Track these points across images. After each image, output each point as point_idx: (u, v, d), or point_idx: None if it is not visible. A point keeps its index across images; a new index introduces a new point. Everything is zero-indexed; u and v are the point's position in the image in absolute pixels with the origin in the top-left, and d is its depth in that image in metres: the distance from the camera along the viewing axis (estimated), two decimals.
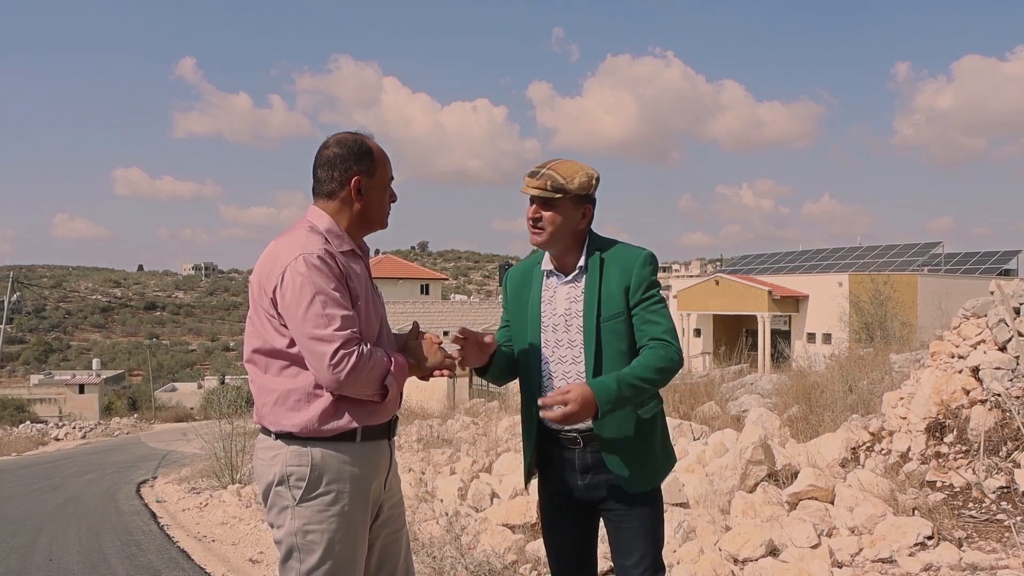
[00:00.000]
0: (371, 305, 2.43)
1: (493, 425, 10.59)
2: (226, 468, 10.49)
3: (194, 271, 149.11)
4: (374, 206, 2.47)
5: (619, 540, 2.62)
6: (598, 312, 2.55)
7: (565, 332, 2.60)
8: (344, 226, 2.44)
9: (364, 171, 2.42)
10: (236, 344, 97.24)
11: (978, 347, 6.21)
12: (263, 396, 2.38)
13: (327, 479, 2.32)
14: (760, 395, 9.95)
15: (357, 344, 2.26)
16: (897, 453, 6.08)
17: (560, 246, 2.60)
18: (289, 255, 2.27)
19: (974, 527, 4.73)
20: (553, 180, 2.51)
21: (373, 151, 2.45)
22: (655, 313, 2.54)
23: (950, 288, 21.95)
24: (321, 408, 2.31)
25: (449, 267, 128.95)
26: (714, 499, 5.51)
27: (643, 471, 2.57)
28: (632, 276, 2.55)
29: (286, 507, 2.33)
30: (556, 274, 2.66)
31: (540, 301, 2.66)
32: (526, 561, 4.87)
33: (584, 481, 2.59)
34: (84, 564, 6.51)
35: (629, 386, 2.40)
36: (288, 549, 2.34)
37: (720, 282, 33.28)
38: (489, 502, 6.43)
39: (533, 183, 2.54)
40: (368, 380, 2.28)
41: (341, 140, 2.45)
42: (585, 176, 2.54)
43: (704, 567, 4.26)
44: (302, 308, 2.23)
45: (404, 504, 2.70)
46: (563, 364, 2.60)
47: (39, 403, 51.43)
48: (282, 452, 2.34)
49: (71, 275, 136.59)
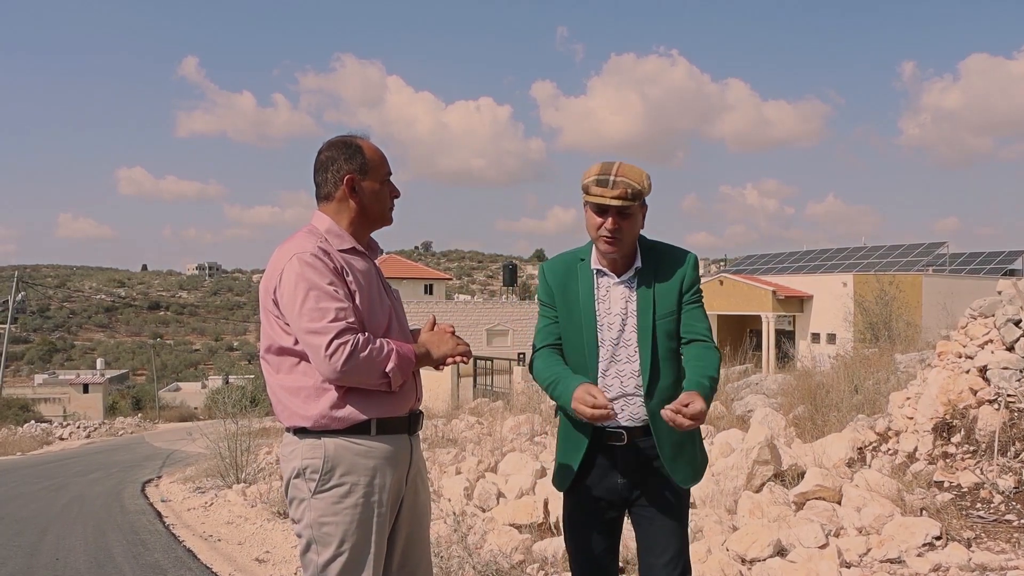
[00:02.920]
0: (377, 299, 2.46)
1: (498, 425, 10.58)
2: (231, 467, 10.49)
3: (198, 271, 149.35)
4: (371, 203, 2.50)
5: (652, 538, 2.61)
6: (653, 311, 2.58)
7: (620, 332, 2.60)
8: (345, 225, 2.49)
9: (355, 169, 2.47)
10: (240, 344, 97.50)
11: (985, 347, 6.19)
12: (277, 394, 2.43)
13: (340, 471, 2.35)
14: (765, 395, 9.94)
15: (353, 334, 2.28)
16: (904, 453, 6.07)
17: (627, 251, 2.61)
18: (286, 257, 2.35)
19: (983, 527, 4.72)
20: (631, 187, 2.47)
21: (364, 149, 2.49)
22: (700, 310, 2.65)
23: (955, 288, 21.93)
24: (331, 401, 2.35)
25: (453, 267, 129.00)
26: (720, 499, 5.50)
27: (690, 467, 2.63)
28: (685, 278, 2.62)
29: (303, 500, 2.37)
30: (608, 274, 2.64)
31: (594, 300, 2.63)
32: (533, 561, 4.87)
33: (625, 479, 2.59)
34: (91, 563, 6.51)
35: (712, 386, 2.53)
36: (307, 542, 2.38)
37: (724, 282, 33.29)
38: (495, 502, 6.43)
39: (612, 192, 2.46)
40: (368, 368, 2.29)
41: (332, 143, 2.52)
42: (648, 179, 2.55)
43: (712, 567, 4.26)
44: (297, 304, 2.29)
45: (430, 507, 2.70)
46: (617, 363, 2.60)
47: (43, 403, 51.49)
48: (299, 447, 2.39)
49: (75, 275, 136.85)
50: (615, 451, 2.59)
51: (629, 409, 2.59)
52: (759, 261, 42.79)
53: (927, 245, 35.96)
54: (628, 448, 2.58)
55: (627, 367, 2.59)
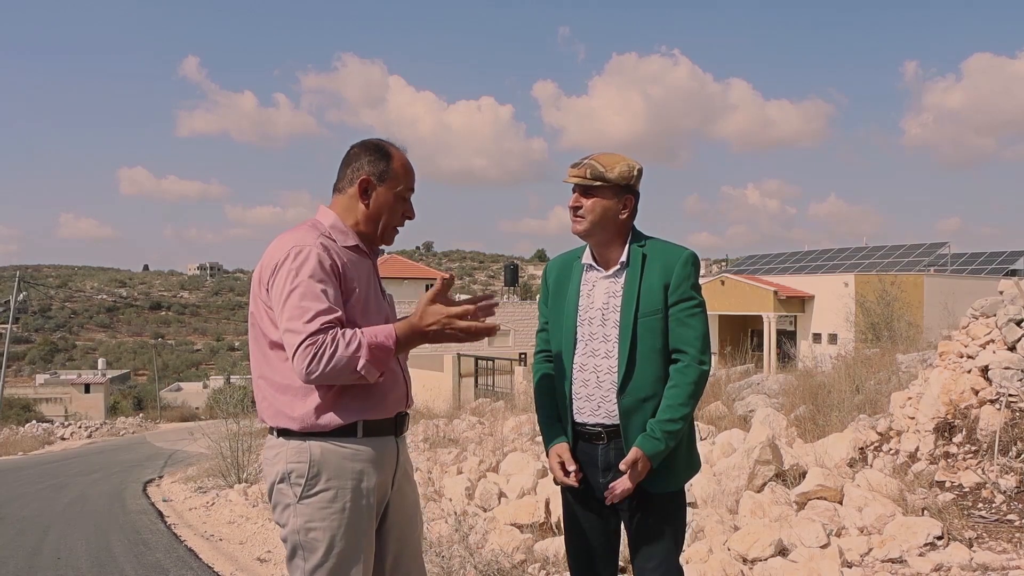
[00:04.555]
0: (374, 300, 2.42)
1: (499, 425, 10.58)
2: (232, 467, 10.51)
3: (199, 271, 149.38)
4: (378, 212, 2.44)
5: (639, 541, 2.61)
6: (636, 307, 2.56)
7: (601, 326, 2.60)
8: (351, 224, 2.44)
9: (374, 173, 2.42)
10: (241, 344, 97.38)
11: (987, 347, 6.19)
12: (263, 390, 2.38)
13: (327, 475, 2.30)
14: (767, 395, 9.93)
15: (325, 334, 2.19)
16: (905, 453, 6.06)
17: (600, 237, 2.62)
18: (283, 249, 2.30)
19: (984, 527, 4.71)
20: (593, 168, 2.56)
21: (392, 157, 2.44)
22: (692, 317, 2.56)
23: (956, 288, 21.84)
24: (317, 402, 2.29)
25: (454, 267, 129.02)
26: (722, 499, 5.50)
27: (664, 472, 2.55)
28: (673, 274, 2.56)
29: (288, 505, 2.32)
30: (597, 268, 2.66)
31: (579, 294, 2.66)
32: (535, 560, 4.87)
33: (605, 479, 2.58)
34: (92, 563, 6.52)
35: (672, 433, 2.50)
36: (293, 547, 2.33)
37: (726, 282, 33.25)
38: (496, 501, 6.44)
39: (574, 172, 2.59)
40: (335, 371, 2.19)
41: (365, 142, 2.48)
42: (626, 166, 2.57)
43: (714, 567, 4.26)
44: (283, 299, 2.24)
45: (420, 507, 2.66)
46: (595, 358, 2.60)
47: (45, 403, 51.57)
48: (283, 449, 2.34)
49: (77, 275, 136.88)
50: (597, 450, 2.60)
51: (605, 407, 2.58)
52: (760, 261, 42.76)
53: (929, 245, 35.92)
54: (608, 447, 2.58)
55: (604, 362, 2.58)
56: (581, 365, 2.61)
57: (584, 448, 2.62)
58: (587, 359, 2.60)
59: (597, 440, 2.59)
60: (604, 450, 2.58)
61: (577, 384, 2.61)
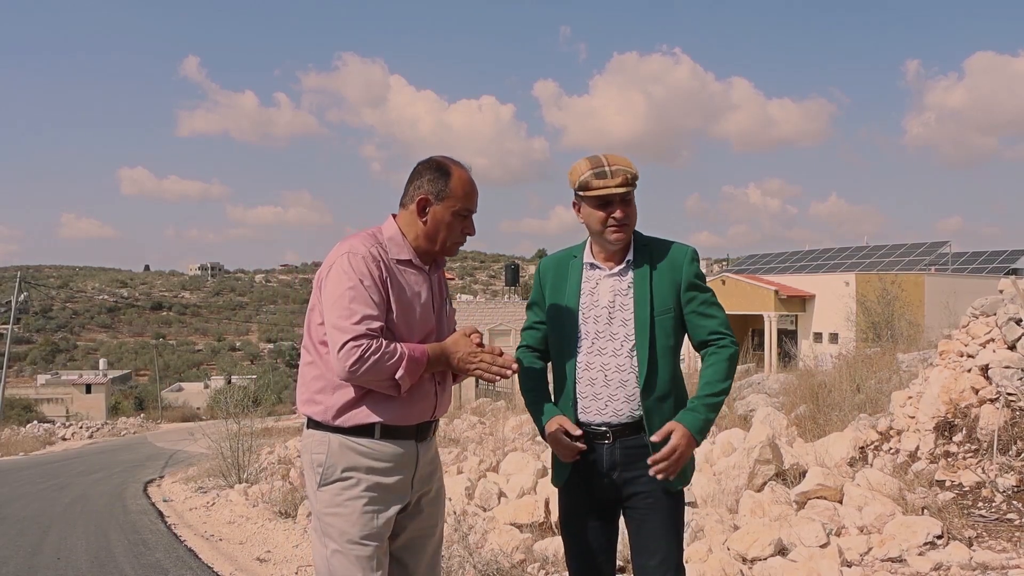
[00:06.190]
0: (419, 315, 2.51)
1: (500, 425, 10.60)
2: (233, 467, 10.52)
3: (200, 271, 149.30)
4: (435, 229, 2.53)
5: (642, 539, 2.59)
6: (651, 305, 2.55)
7: (607, 324, 2.58)
8: (411, 239, 2.55)
9: (432, 192, 2.51)
10: (242, 344, 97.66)
11: (987, 346, 6.18)
12: (304, 376, 2.53)
13: (342, 468, 2.44)
14: (767, 394, 9.94)
15: (370, 339, 2.33)
16: (906, 452, 6.06)
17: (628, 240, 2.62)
18: (338, 253, 2.45)
19: (984, 526, 4.71)
20: (629, 173, 2.53)
21: (452, 177, 2.52)
22: (712, 307, 2.61)
23: (957, 287, 21.83)
24: (343, 400, 2.42)
25: (455, 267, 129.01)
26: (722, 498, 5.50)
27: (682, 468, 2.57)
28: (682, 273, 2.58)
29: (312, 491, 2.50)
30: (599, 266, 2.64)
31: (579, 293, 2.64)
32: (534, 560, 4.87)
33: (612, 478, 2.57)
34: (92, 563, 6.52)
35: (713, 406, 2.52)
36: (316, 529, 2.50)
37: (727, 282, 33.28)
38: (496, 501, 6.44)
39: (614, 181, 2.51)
40: (376, 372, 2.34)
41: (430, 160, 2.58)
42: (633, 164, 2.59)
43: (713, 566, 4.26)
44: (333, 298, 2.38)
45: (441, 504, 2.73)
46: (602, 356, 2.58)
47: (46, 403, 51.61)
48: (310, 440, 2.51)
49: (78, 275, 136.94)
50: (602, 449, 2.58)
51: (613, 405, 2.56)
52: (761, 261, 42.77)
53: (929, 244, 35.92)
54: (614, 446, 2.56)
55: (612, 360, 2.56)
56: (587, 364, 2.58)
57: (588, 450, 2.59)
58: (593, 357, 2.58)
59: (602, 440, 2.57)
60: (609, 449, 2.57)
61: (583, 383, 2.59)
